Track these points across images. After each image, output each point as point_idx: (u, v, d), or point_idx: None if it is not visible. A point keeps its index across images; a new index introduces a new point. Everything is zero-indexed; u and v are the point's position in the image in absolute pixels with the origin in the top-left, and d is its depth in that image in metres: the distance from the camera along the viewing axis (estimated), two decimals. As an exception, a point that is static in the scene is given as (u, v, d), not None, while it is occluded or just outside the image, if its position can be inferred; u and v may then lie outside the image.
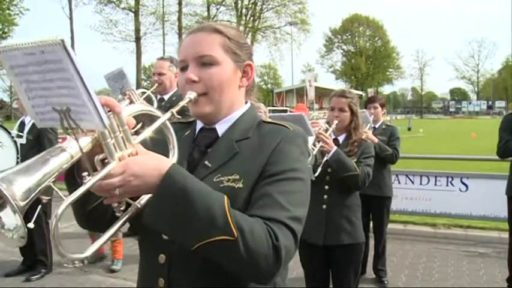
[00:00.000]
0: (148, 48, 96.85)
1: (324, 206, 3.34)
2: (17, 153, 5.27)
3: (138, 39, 49.11)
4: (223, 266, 1.17)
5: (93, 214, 1.28)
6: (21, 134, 5.31)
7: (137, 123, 1.21)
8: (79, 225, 1.38)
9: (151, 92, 4.33)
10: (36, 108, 1.05)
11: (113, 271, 5.43)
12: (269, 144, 1.33)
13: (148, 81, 60.44)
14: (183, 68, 1.39)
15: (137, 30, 48.99)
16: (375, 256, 5.32)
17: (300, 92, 54.01)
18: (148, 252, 1.39)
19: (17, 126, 5.46)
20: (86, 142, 1.05)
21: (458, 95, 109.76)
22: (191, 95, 1.34)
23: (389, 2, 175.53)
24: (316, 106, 44.45)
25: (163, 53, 42.66)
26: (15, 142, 5.30)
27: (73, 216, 1.32)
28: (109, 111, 1.07)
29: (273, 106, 44.58)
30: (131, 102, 3.90)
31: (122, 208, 1.18)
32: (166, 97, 4.48)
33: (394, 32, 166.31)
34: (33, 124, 5.12)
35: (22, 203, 0.91)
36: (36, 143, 5.18)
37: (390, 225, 5.79)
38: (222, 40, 1.38)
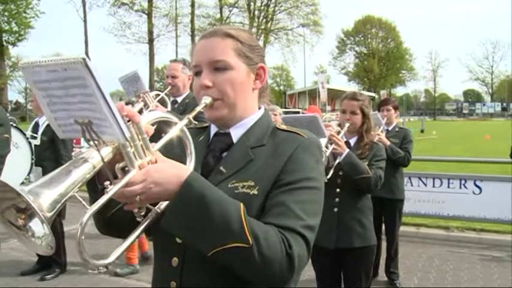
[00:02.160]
0: (161, 50, 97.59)
1: (336, 209, 3.33)
2: (32, 154, 5.36)
3: (151, 41, 49.39)
4: (238, 272, 1.19)
5: (113, 220, 1.32)
6: (35, 135, 5.38)
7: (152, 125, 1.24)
8: (98, 231, 1.41)
9: (165, 94, 4.36)
10: (58, 120, 1.08)
11: (116, 274, 5.38)
12: (284, 152, 1.35)
13: (161, 83, 60.75)
14: (197, 73, 1.41)
15: (150, 32, 49.28)
16: (387, 259, 5.31)
17: (312, 94, 53.84)
18: (162, 255, 1.41)
19: (31, 128, 5.54)
20: (107, 152, 1.08)
21: (472, 96, 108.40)
22: (206, 99, 1.36)
23: (402, 4, 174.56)
24: (328, 108, 44.20)
25: (176, 55, 42.98)
26: (29, 143, 5.38)
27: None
28: (128, 121, 1.10)
29: (286, 108, 44.41)
30: (145, 104, 3.95)
31: (142, 213, 1.21)
32: (179, 99, 4.50)
33: (407, 34, 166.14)
34: (47, 125, 5.18)
35: (49, 214, 0.95)
36: (50, 145, 5.25)
37: (403, 228, 5.76)
38: (234, 44, 1.39)
